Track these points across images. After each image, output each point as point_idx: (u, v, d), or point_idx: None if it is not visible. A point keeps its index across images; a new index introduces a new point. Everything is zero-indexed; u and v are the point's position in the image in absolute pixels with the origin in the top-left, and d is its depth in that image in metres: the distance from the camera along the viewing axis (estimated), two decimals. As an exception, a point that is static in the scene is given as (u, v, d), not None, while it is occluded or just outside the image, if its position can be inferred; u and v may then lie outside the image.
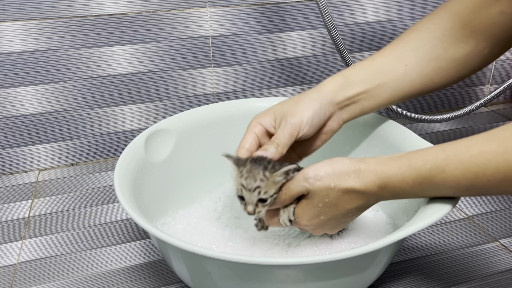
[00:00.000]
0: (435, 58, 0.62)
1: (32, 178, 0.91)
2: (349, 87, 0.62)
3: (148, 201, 0.64)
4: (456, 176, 0.48)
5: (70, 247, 0.72)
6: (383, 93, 0.63)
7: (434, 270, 0.66)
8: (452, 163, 0.48)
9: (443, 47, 0.62)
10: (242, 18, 0.93)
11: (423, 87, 0.64)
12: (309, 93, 0.61)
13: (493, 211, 0.79)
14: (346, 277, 0.53)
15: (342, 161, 0.53)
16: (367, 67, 0.63)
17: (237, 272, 0.51)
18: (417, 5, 1.01)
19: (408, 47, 0.63)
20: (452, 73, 0.64)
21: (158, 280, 0.66)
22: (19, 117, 0.89)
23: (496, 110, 1.14)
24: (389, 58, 0.64)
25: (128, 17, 0.87)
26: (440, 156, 0.49)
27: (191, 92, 0.96)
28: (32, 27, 0.83)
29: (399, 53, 0.63)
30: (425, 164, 0.49)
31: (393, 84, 0.63)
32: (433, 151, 0.50)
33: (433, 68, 0.63)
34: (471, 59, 0.63)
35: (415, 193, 0.51)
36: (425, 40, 0.63)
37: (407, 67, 0.62)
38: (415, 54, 0.63)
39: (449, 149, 0.49)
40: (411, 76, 0.63)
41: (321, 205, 0.53)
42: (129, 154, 0.65)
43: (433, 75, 0.63)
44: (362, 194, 0.52)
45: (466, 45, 0.62)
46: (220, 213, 0.70)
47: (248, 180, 0.52)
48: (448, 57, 0.62)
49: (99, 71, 0.89)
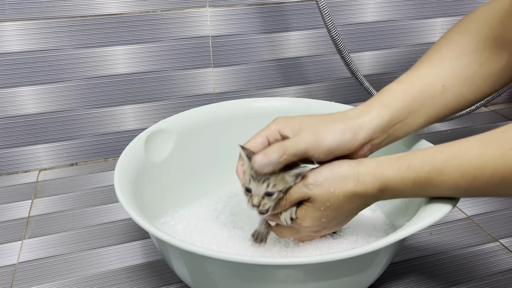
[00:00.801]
0: (471, 76, 0.58)
1: (32, 178, 0.91)
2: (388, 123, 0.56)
3: (148, 201, 0.64)
4: (455, 178, 0.48)
5: (70, 247, 0.72)
6: (419, 119, 0.58)
7: (434, 270, 0.66)
8: (450, 166, 0.48)
9: (478, 63, 0.58)
10: (242, 18, 0.93)
11: (457, 107, 0.60)
12: (344, 119, 0.55)
13: (493, 211, 0.79)
14: (347, 277, 0.53)
15: (341, 164, 0.53)
16: (407, 93, 0.57)
17: (237, 272, 0.51)
18: (417, 5, 1.01)
19: (444, 65, 0.58)
20: (485, 89, 0.60)
21: (158, 280, 0.66)
22: (19, 117, 0.89)
23: (496, 110, 1.14)
24: (427, 78, 0.58)
25: (128, 17, 0.87)
26: (439, 158, 0.49)
27: (191, 92, 0.96)
28: (32, 27, 0.83)
29: (437, 73, 0.58)
30: (424, 166, 0.49)
31: (430, 110, 0.58)
32: (431, 153, 0.50)
33: (469, 87, 0.59)
34: (505, 73, 0.59)
35: (415, 193, 0.52)
36: (460, 56, 0.58)
37: (444, 88, 0.58)
38: (451, 72, 0.58)
39: (448, 151, 0.49)
40: (446, 97, 0.58)
41: (322, 209, 0.53)
42: (129, 154, 0.65)
43: (468, 94, 0.59)
44: (363, 196, 0.52)
45: (501, 59, 0.58)
46: (219, 212, 0.70)
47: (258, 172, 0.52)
48: (484, 73, 0.59)
49: (99, 71, 0.89)
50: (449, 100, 0.59)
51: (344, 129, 0.54)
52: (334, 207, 0.53)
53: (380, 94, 0.58)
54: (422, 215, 0.51)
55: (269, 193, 0.53)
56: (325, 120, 0.55)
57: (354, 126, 0.54)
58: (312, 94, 1.04)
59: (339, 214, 0.54)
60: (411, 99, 0.57)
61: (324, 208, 0.53)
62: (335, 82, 1.04)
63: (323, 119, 0.55)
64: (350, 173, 0.52)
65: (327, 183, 0.52)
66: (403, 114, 0.57)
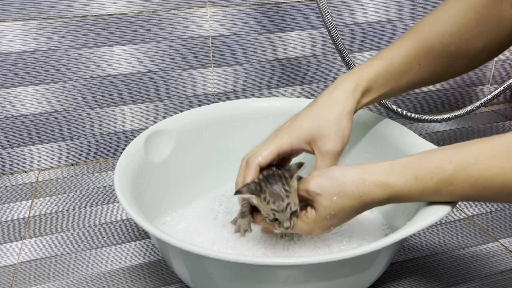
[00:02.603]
0: (447, 56, 0.61)
1: (32, 178, 0.91)
2: (370, 95, 0.61)
3: (148, 201, 0.64)
4: (464, 188, 0.47)
5: (70, 247, 0.72)
6: (393, 94, 0.64)
7: (434, 270, 0.66)
8: (459, 177, 0.47)
9: (456, 45, 0.61)
10: (242, 18, 0.93)
11: (429, 81, 0.64)
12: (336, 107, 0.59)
13: (493, 211, 0.79)
14: (347, 277, 0.53)
15: (343, 174, 0.52)
16: (386, 71, 0.61)
17: (238, 273, 0.51)
18: (417, 5, 1.01)
19: (424, 44, 0.61)
20: (459, 68, 0.64)
21: (158, 280, 0.66)
22: (19, 117, 0.89)
23: (496, 110, 1.14)
24: (406, 57, 0.62)
25: (128, 17, 0.87)
26: (447, 168, 0.48)
27: (191, 92, 0.96)
28: (32, 27, 0.83)
29: (416, 52, 0.61)
30: (432, 178, 0.48)
31: (404, 86, 0.63)
32: (439, 162, 0.49)
33: (443, 66, 0.62)
34: (481, 55, 0.62)
35: (420, 200, 0.52)
36: (439, 37, 0.61)
37: (420, 66, 0.62)
38: (430, 52, 0.61)
39: (456, 161, 0.48)
40: (421, 75, 0.62)
41: (329, 217, 0.53)
42: (129, 154, 0.65)
43: (443, 72, 0.63)
44: (369, 205, 0.52)
45: (479, 42, 0.61)
46: (217, 212, 0.70)
47: (277, 203, 0.53)
48: (460, 54, 0.61)
49: (99, 71, 0.89)
50: (424, 77, 0.63)
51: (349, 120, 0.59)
52: (340, 217, 0.53)
53: (361, 69, 0.61)
54: (422, 215, 0.51)
55: (294, 212, 0.54)
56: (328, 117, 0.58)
57: (350, 112, 0.59)
58: (312, 94, 1.03)
59: (345, 219, 0.54)
60: (389, 78, 0.61)
61: (330, 216, 0.53)
62: (335, 82, 1.04)
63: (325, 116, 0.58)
64: (354, 186, 0.51)
65: (328, 195, 0.52)
66: (379, 91, 0.62)
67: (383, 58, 0.62)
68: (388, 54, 0.62)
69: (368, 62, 0.62)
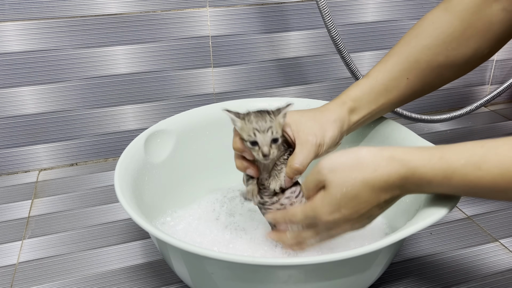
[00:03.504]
0: (436, 67, 0.62)
1: (32, 178, 0.91)
2: (358, 112, 0.63)
3: (148, 202, 0.64)
4: (493, 175, 0.44)
5: (70, 247, 0.72)
6: (386, 109, 0.65)
7: (434, 270, 0.66)
8: (490, 161, 0.44)
9: (444, 55, 0.61)
10: (242, 18, 0.93)
11: (422, 93, 0.65)
12: (327, 114, 0.60)
13: (493, 211, 0.79)
14: (348, 277, 0.53)
15: (359, 149, 0.50)
16: (372, 88, 0.63)
17: (239, 273, 0.51)
18: (417, 5, 1.01)
19: (410, 58, 0.62)
20: (451, 76, 0.64)
21: (158, 280, 0.66)
22: (19, 117, 0.89)
23: (496, 110, 1.14)
24: (392, 73, 0.63)
25: (128, 17, 0.87)
26: (478, 152, 0.45)
27: (191, 92, 0.96)
28: (32, 27, 0.83)
29: (402, 67, 0.62)
30: (459, 160, 0.45)
31: (396, 100, 0.64)
32: (470, 146, 0.46)
33: (435, 77, 0.63)
34: (472, 61, 0.63)
35: (442, 188, 0.48)
36: (426, 50, 0.61)
37: (408, 80, 0.62)
38: (417, 66, 0.62)
39: (489, 146, 0.45)
40: (412, 87, 0.63)
41: (339, 196, 0.49)
42: (129, 155, 0.65)
43: (434, 82, 0.64)
44: (384, 184, 0.48)
45: (468, 50, 0.61)
46: (219, 213, 0.70)
47: (260, 123, 0.54)
48: (449, 63, 0.62)
49: (99, 71, 0.89)
50: (416, 89, 0.64)
51: (333, 122, 0.60)
52: (352, 195, 0.49)
53: (349, 89, 0.64)
54: (422, 215, 0.51)
55: (275, 139, 0.54)
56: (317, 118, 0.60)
57: (336, 117, 0.60)
58: (312, 94, 1.03)
59: (359, 204, 0.49)
60: (376, 94, 0.63)
61: (341, 195, 0.49)
62: (335, 82, 1.04)
63: (315, 118, 0.60)
64: (370, 159, 0.48)
65: (343, 169, 0.49)
66: (369, 108, 0.63)
67: (369, 76, 0.64)
68: (374, 72, 0.64)
69: (356, 82, 0.65)
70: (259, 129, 0.54)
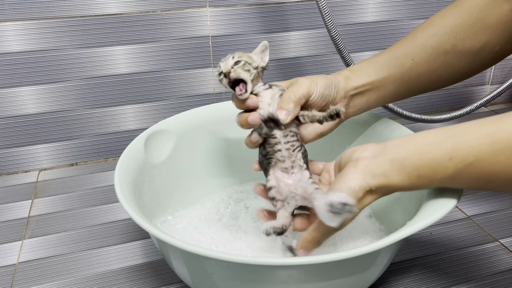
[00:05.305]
0: (443, 53, 0.62)
1: (32, 178, 0.91)
2: (356, 79, 0.62)
3: (148, 202, 0.64)
4: (469, 181, 0.47)
5: (70, 247, 0.72)
6: (389, 85, 0.63)
7: (434, 270, 0.66)
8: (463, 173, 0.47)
9: (451, 43, 0.62)
10: (242, 18, 0.93)
11: (431, 83, 0.65)
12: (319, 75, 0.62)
13: (493, 211, 0.79)
14: (348, 277, 0.53)
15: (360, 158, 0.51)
16: (373, 62, 0.64)
17: (239, 273, 0.51)
18: (417, 5, 1.01)
19: (415, 43, 0.63)
20: (461, 69, 0.64)
21: (158, 280, 0.66)
22: (19, 117, 0.89)
23: (496, 110, 1.14)
24: (395, 53, 0.64)
25: (128, 17, 0.87)
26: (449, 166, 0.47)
27: (191, 92, 0.96)
28: (32, 27, 0.83)
29: (406, 49, 0.63)
30: (436, 176, 0.48)
31: (399, 77, 0.63)
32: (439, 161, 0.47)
33: (441, 64, 0.63)
34: (482, 55, 0.62)
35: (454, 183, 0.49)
36: (432, 37, 0.62)
37: (413, 62, 0.62)
38: (422, 49, 0.62)
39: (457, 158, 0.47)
40: (417, 70, 0.63)
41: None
42: (129, 155, 0.65)
43: (441, 71, 0.63)
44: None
45: (476, 42, 0.61)
46: (222, 215, 0.70)
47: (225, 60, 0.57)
48: (457, 52, 0.62)
49: (99, 71, 0.89)
50: (421, 73, 0.63)
51: (323, 76, 0.60)
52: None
53: (350, 67, 0.64)
54: (423, 214, 0.51)
55: (237, 61, 0.56)
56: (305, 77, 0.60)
57: (329, 76, 0.60)
58: (312, 94, 1.03)
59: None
60: (377, 66, 0.63)
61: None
62: (335, 82, 1.04)
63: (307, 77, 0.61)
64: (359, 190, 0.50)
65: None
66: (369, 77, 0.62)
67: (371, 58, 0.65)
68: (376, 55, 0.65)
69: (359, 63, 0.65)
70: (223, 60, 0.57)
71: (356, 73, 0.63)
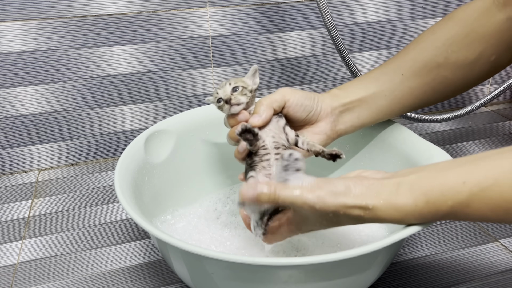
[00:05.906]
0: (435, 67, 0.61)
1: (32, 178, 0.91)
2: (344, 96, 0.62)
3: (148, 202, 0.64)
4: (483, 211, 0.42)
5: (70, 247, 0.72)
6: (380, 100, 0.62)
7: (434, 270, 0.66)
8: (478, 199, 0.42)
9: (443, 56, 0.61)
10: (242, 18, 0.93)
11: (426, 97, 0.63)
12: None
13: (493, 211, 0.79)
14: (348, 277, 0.53)
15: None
16: (362, 79, 0.63)
17: (239, 273, 0.51)
18: (417, 5, 1.01)
19: (405, 58, 0.63)
20: (457, 81, 0.63)
21: (158, 280, 0.66)
22: (19, 117, 0.89)
23: (496, 110, 1.14)
24: (385, 69, 0.63)
25: (128, 17, 0.87)
26: (463, 191, 0.42)
27: (191, 92, 0.96)
28: (32, 27, 0.83)
29: (396, 65, 0.63)
30: (446, 201, 0.43)
31: (390, 93, 0.62)
32: (452, 184, 0.43)
33: (434, 77, 0.62)
34: (478, 66, 0.62)
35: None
36: (423, 51, 0.62)
37: (404, 76, 0.62)
38: (412, 64, 0.62)
39: (472, 182, 0.42)
40: (409, 85, 0.62)
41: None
42: (129, 155, 0.65)
43: (436, 84, 0.62)
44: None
45: (471, 53, 0.61)
46: (220, 213, 0.70)
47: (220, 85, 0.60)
48: (451, 65, 0.61)
49: (99, 71, 0.89)
50: (413, 87, 0.62)
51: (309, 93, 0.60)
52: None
53: (340, 86, 0.64)
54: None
55: (235, 87, 0.58)
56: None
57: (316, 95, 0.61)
58: (312, 94, 1.03)
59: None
60: (366, 82, 0.63)
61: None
62: (335, 82, 1.04)
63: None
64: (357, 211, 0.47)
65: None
66: (358, 93, 0.62)
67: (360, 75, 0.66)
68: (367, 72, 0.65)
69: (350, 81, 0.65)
70: (219, 87, 0.59)
71: (345, 90, 0.63)
